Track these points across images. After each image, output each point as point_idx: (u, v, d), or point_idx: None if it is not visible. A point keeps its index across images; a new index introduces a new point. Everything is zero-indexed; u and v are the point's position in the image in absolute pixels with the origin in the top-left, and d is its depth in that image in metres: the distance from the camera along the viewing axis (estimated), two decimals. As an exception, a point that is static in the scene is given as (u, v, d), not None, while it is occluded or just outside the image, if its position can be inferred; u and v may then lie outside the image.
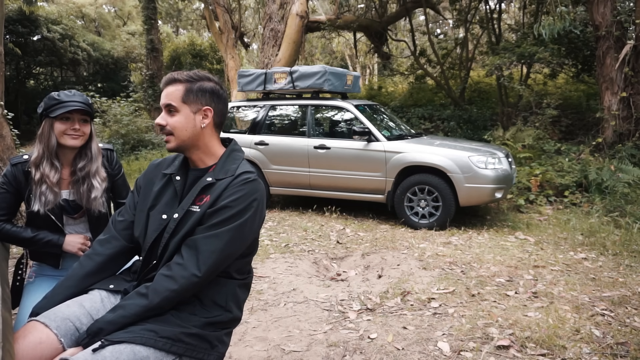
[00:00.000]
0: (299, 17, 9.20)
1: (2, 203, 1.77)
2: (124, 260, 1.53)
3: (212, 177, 1.38)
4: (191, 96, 1.39)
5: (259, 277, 3.46)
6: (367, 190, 5.21)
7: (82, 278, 1.43)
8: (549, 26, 6.20)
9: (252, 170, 1.41)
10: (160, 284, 1.28)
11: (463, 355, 2.28)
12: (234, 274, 1.42)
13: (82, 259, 1.48)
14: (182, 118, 1.39)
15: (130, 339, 1.20)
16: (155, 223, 1.41)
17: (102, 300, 1.39)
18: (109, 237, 1.50)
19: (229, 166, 1.41)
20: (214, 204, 1.34)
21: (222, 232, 1.31)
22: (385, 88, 13.34)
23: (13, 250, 2.20)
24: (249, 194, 1.34)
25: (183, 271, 1.28)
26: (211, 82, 1.44)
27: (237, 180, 1.35)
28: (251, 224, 1.35)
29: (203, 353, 1.31)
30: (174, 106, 1.38)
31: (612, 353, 2.26)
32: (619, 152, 6.08)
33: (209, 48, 17.03)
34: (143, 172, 1.57)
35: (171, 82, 1.41)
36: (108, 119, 11.45)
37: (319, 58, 21.89)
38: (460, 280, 3.30)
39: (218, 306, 1.38)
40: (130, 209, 1.52)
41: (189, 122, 1.39)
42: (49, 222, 1.79)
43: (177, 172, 1.47)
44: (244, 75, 6.12)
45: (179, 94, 1.39)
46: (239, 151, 1.49)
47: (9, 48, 14.70)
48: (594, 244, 4.10)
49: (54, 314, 1.29)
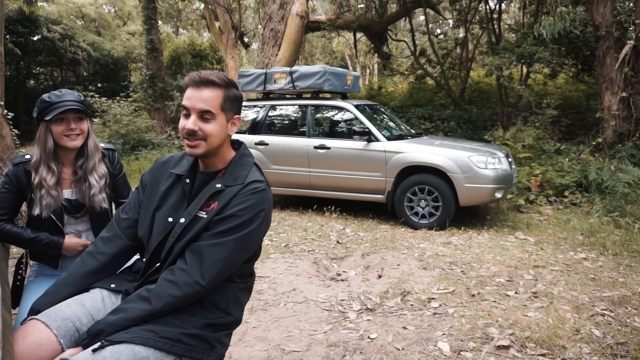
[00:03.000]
0: (299, 17, 9.20)
1: (4, 202, 1.77)
2: (126, 259, 1.52)
3: (222, 184, 1.35)
4: (228, 104, 1.35)
5: (259, 277, 3.46)
6: (367, 190, 5.22)
7: (83, 276, 1.41)
8: (549, 26, 6.20)
9: (261, 178, 1.38)
10: (163, 289, 1.27)
11: (463, 355, 2.28)
12: (236, 278, 1.41)
13: (85, 256, 1.44)
14: (217, 126, 1.33)
15: (130, 339, 1.19)
16: (161, 225, 1.39)
17: (103, 300, 1.38)
18: (112, 236, 1.47)
19: (239, 172, 1.38)
20: (221, 211, 1.32)
21: (227, 241, 1.29)
22: (385, 88, 13.34)
23: (13, 251, 2.20)
24: (257, 204, 1.32)
25: (186, 277, 1.27)
26: (236, 88, 1.39)
27: (247, 189, 1.33)
28: (257, 233, 1.34)
29: (202, 354, 1.30)
30: (213, 113, 1.31)
31: (612, 353, 2.26)
32: (619, 152, 6.09)
33: (209, 48, 17.00)
34: (149, 169, 1.53)
35: (208, 84, 1.31)
36: (108, 119, 11.45)
37: (319, 58, 21.90)
38: (460, 280, 3.30)
39: (219, 309, 1.37)
40: (135, 207, 1.49)
41: (223, 130, 1.35)
42: (49, 222, 1.80)
43: (186, 174, 1.43)
44: (244, 75, 6.12)
45: (218, 101, 1.32)
46: (249, 156, 1.45)
47: (9, 48, 14.72)
48: (594, 244, 4.10)
49: (55, 313, 1.28)
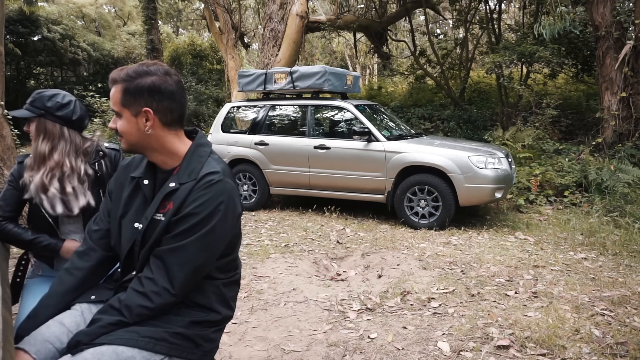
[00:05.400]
0: (299, 17, 9.21)
1: (8, 199, 1.79)
2: (106, 270, 1.47)
3: (176, 182, 1.27)
4: (129, 98, 1.25)
5: (259, 277, 3.47)
6: (367, 190, 5.22)
7: (63, 294, 1.37)
8: (549, 26, 6.21)
9: (217, 169, 1.26)
10: (132, 301, 1.23)
11: (463, 355, 2.29)
12: (217, 274, 1.34)
13: (62, 274, 1.40)
14: (125, 122, 1.27)
15: (110, 341, 1.18)
16: (128, 232, 1.33)
17: (83, 314, 1.34)
18: (86, 249, 1.42)
19: (193, 166, 1.28)
20: (178, 211, 1.24)
21: (188, 243, 1.22)
22: (385, 88, 13.35)
23: (13, 251, 2.20)
24: (214, 198, 1.22)
25: (154, 286, 1.22)
26: (151, 76, 1.25)
27: (201, 183, 1.24)
28: (221, 229, 1.25)
29: (187, 352, 1.27)
30: (116, 112, 1.27)
31: (611, 353, 2.26)
32: (618, 152, 6.09)
33: (209, 48, 17.00)
34: (114, 176, 1.48)
35: (111, 82, 1.28)
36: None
37: (319, 58, 21.91)
38: (460, 280, 3.30)
39: (202, 307, 1.32)
40: (105, 217, 1.43)
41: (132, 126, 1.27)
42: (45, 221, 1.80)
43: (144, 176, 1.35)
44: (244, 75, 6.13)
45: (118, 97, 1.26)
46: (205, 145, 1.34)
47: (9, 48, 14.71)
48: (594, 244, 4.11)
49: (34, 337, 1.25)
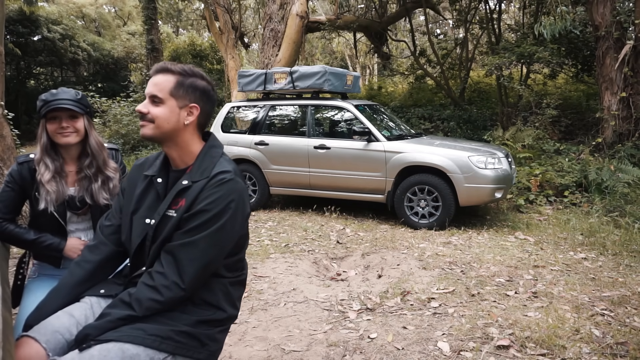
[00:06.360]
0: (299, 17, 9.21)
1: (7, 201, 1.78)
2: (115, 265, 1.51)
3: (189, 180, 1.33)
4: (181, 90, 1.34)
5: (259, 277, 3.47)
6: (367, 190, 5.22)
7: (73, 287, 1.41)
8: (549, 26, 6.21)
9: (228, 169, 1.33)
10: (142, 294, 1.26)
11: (463, 355, 2.29)
12: (225, 272, 1.38)
13: (72, 266, 1.45)
14: (166, 110, 1.33)
15: (118, 338, 1.19)
16: (139, 228, 1.38)
17: (92, 307, 1.37)
18: (97, 243, 1.47)
19: (206, 165, 1.35)
20: (190, 208, 1.29)
21: (199, 239, 1.26)
22: (385, 88, 13.35)
23: (13, 250, 2.20)
24: (225, 196, 1.28)
25: (164, 280, 1.25)
26: (204, 81, 1.39)
27: (213, 181, 1.29)
28: (230, 226, 1.30)
29: (193, 351, 1.29)
30: (160, 98, 1.32)
31: (611, 353, 2.26)
32: (618, 152, 6.09)
33: (209, 48, 17.00)
34: (127, 174, 1.52)
35: (163, 71, 1.35)
36: (108, 119, 11.46)
37: (319, 58, 21.91)
38: (460, 280, 3.30)
39: (210, 305, 1.35)
40: (117, 213, 1.49)
41: (173, 115, 1.33)
42: (52, 219, 1.80)
43: (158, 174, 1.41)
44: (244, 75, 6.13)
45: (168, 86, 1.33)
46: (217, 147, 1.42)
47: (10, 48, 14.72)
48: (594, 244, 4.11)
49: (44, 327, 1.27)
